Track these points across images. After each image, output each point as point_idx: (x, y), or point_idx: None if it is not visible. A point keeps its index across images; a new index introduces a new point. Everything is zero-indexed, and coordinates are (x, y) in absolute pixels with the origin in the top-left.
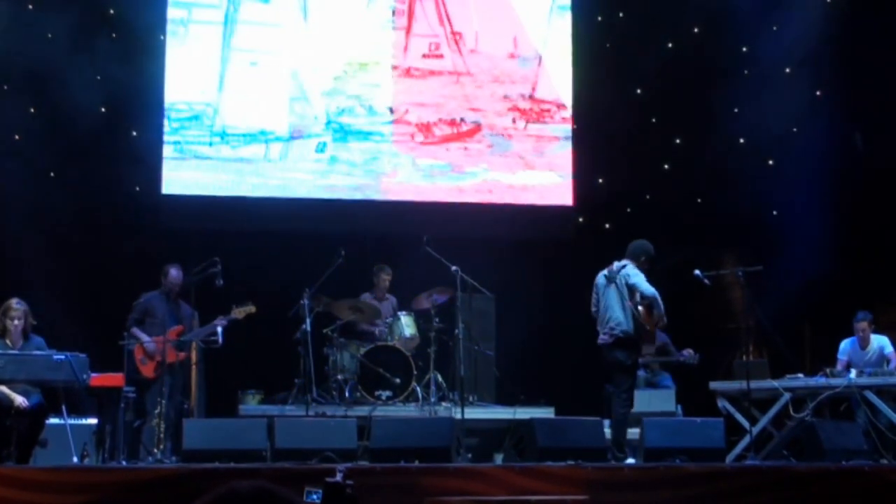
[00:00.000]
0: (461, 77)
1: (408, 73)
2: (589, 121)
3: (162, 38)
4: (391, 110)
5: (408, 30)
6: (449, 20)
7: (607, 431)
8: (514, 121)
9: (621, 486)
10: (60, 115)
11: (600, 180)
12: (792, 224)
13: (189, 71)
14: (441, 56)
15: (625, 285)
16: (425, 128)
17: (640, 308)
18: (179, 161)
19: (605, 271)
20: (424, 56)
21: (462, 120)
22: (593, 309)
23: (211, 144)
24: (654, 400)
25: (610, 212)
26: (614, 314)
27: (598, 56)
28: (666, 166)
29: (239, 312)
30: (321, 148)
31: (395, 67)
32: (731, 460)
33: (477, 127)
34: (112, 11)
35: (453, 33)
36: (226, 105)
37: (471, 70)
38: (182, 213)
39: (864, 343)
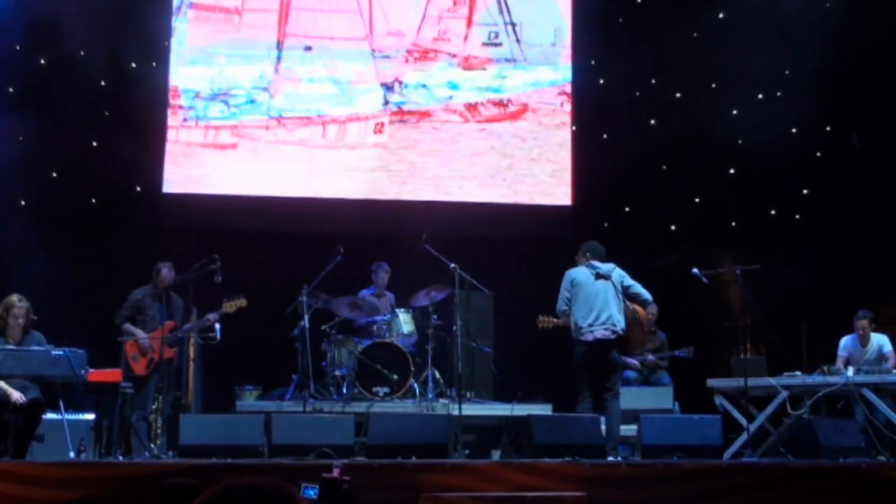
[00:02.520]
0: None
1: (466, 61)
2: (588, 120)
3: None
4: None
5: (469, 20)
6: (508, 11)
7: (604, 428)
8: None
9: (619, 482)
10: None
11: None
12: (789, 222)
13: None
14: (500, 45)
15: (620, 286)
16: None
17: (638, 309)
18: (180, 158)
19: (586, 269)
20: (483, 45)
21: (508, 100)
22: (564, 307)
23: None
24: (652, 397)
25: (608, 210)
26: (613, 313)
27: (598, 54)
28: (664, 166)
29: (230, 306)
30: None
31: (453, 55)
32: (728, 457)
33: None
34: None
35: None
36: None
37: (527, 58)
38: (181, 210)
39: (864, 341)
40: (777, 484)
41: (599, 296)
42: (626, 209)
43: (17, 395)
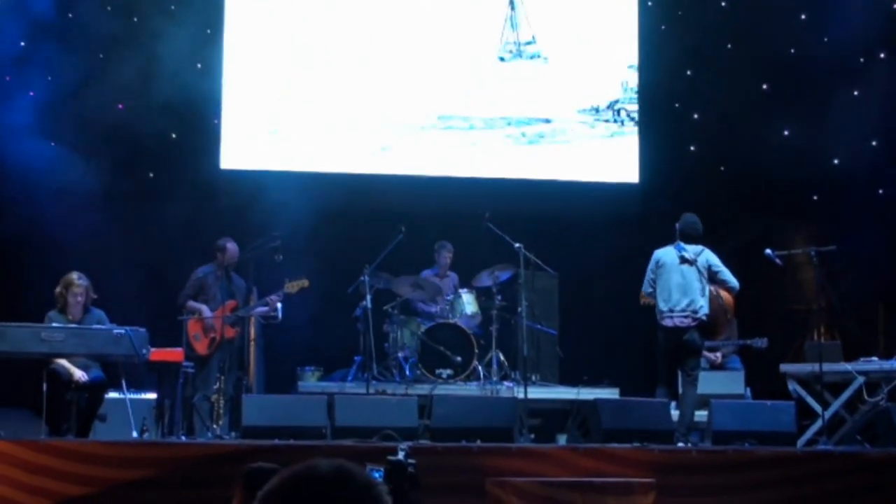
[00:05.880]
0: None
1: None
2: (655, 94)
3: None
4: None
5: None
6: None
7: (674, 413)
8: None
9: (689, 469)
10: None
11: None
12: (867, 202)
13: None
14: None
15: (706, 269)
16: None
17: (723, 294)
18: (239, 135)
19: (674, 251)
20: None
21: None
22: (649, 289)
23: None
24: (723, 382)
25: (676, 189)
26: (696, 297)
27: (664, 30)
28: (737, 139)
29: (292, 287)
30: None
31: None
32: (801, 445)
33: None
34: None
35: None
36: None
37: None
38: (241, 187)
39: None
40: (853, 473)
41: (681, 281)
42: (696, 186)
43: (79, 374)
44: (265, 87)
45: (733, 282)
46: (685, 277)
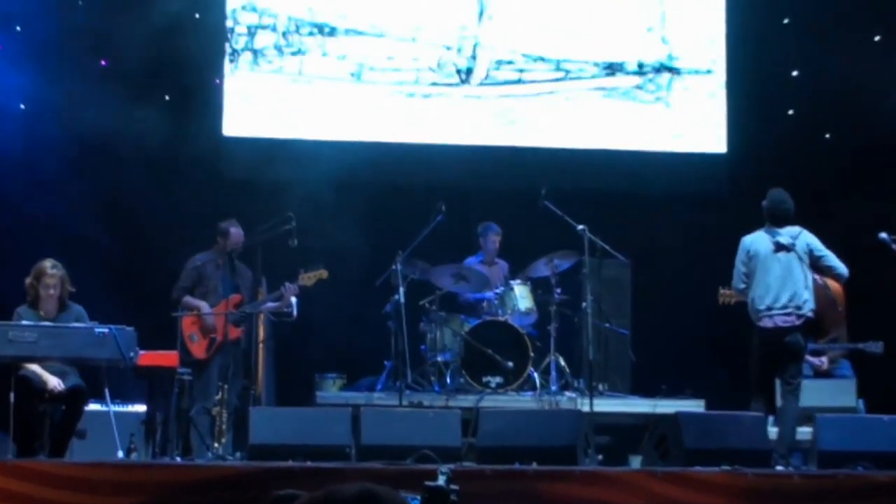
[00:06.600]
0: None
1: None
2: (746, 48)
3: None
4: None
5: None
6: None
7: (772, 430)
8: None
9: (789, 497)
10: None
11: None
12: None
13: None
14: None
15: (807, 255)
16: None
17: (830, 284)
18: (244, 96)
19: (766, 236)
20: None
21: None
22: (741, 285)
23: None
24: (831, 392)
25: (769, 160)
26: (799, 290)
27: None
28: (844, 101)
29: (308, 278)
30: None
31: None
32: None
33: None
34: None
35: None
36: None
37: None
38: (247, 158)
39: None
40: None
41: (780, 272)
42: (794, 157)
43: (54, 382)
44: (275, 38)
45: (841, 267)
46: (783, 268)
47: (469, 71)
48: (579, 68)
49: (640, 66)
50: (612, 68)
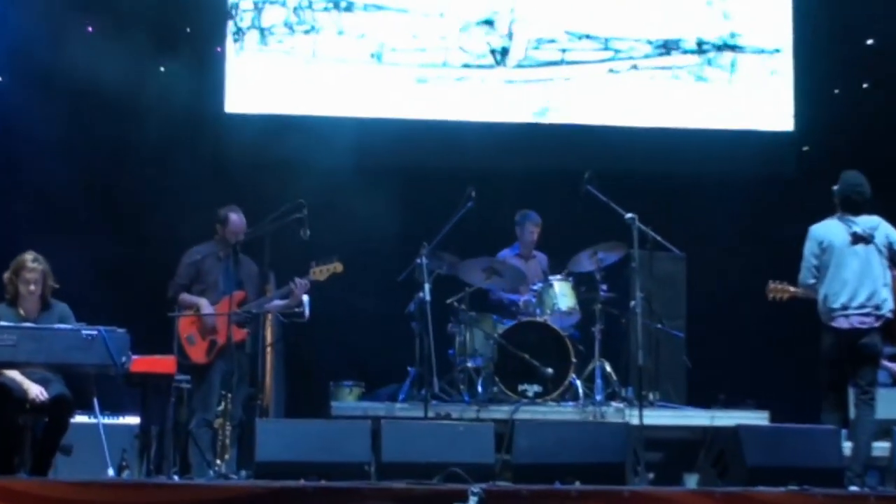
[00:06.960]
0: None
1: None
2: (816, 15)
3: None
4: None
5: None
6: None
7: (845, 445)
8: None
9: None
10: None
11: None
12: None
13: None
14: None
15: (887, 248)
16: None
17: None
18: (249, 68)
19: (841, 225)
20: None
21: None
22: (811, 280)
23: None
24: None
25: (844, 139)
26: (878, 288)
27: None
28: None
29: (320, 273)
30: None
31: None
32: None
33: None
34: None
35: None
36: None
37: None
38: (252, 137)
39: None
40: None
41: (858, 267)
42: (871, 136)
43: (36, 391)
44: (285, 14)
45: None
46: (863, 262)
47: (505, 51)
48: (630, 47)
49: (700, 43)
50: (667, 46)
